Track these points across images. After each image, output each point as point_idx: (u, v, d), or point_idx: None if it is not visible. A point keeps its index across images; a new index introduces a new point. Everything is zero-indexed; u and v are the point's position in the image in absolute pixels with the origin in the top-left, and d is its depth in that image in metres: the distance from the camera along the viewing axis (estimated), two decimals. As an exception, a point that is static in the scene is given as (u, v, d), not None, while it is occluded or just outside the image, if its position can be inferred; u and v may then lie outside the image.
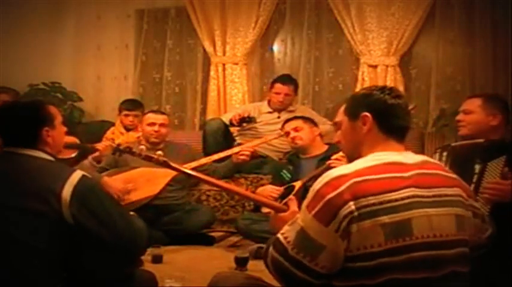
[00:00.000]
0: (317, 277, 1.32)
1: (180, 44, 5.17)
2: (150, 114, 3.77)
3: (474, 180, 2.20)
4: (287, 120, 3.60)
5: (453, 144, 2.46)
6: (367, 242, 1.27)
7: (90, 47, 5.33)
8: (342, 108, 1.57)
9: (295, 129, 3.43)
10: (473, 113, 2.44)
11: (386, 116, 1.44)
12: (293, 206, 1.65)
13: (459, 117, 2.50)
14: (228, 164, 3.71)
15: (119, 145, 3.41)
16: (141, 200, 3.45)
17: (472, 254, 1.43)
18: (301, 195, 2.48)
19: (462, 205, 1.42)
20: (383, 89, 1.49)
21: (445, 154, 2.39)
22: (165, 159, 1.86)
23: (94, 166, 3.43)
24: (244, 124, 4.18)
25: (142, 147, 2.05)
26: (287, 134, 3.47)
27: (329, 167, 2.88)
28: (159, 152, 1.93)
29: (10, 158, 1.73)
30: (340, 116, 1.57)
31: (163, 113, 3.83)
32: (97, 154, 3.45)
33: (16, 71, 4.69)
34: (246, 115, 4.10)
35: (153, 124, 3.66)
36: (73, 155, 3.64)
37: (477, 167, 2.21)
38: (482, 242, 1.54)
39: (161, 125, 3.66)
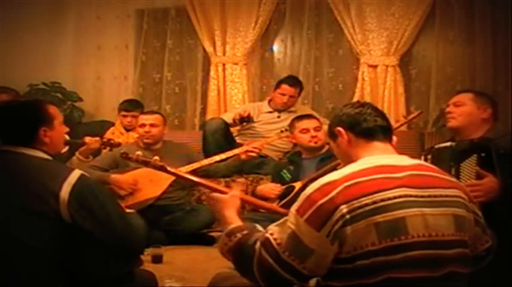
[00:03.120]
0: (301, 279, 1.35)
1: (180, 44, 5.17)
2: (141, 116, 3.76)
3: None
4: (306, 117, 3.55)
5: (436, 146, 2.45)
6: (362, 242, 1.29)
7: (90, 47, 5.33)
8: (327, 135, 1.69)
9: (316, 129, 3.41)
10: (464, 105, 2.47)
11: (355, 123, 1.54)
12: (235, 190, 1.76)
13: (449, 109, 2.52)
14: (234, 162, 3.71)
15: (109, 139, 3.42)
16: (145, 201, 3.45)
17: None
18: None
19: (463, 206, 1.42)
20: (346, 105, 1.63)
21: (429, 157, 2.39)
22: (161, 164, 1.87)
23: (82, 161, 3.39)
24: (244, 123, 4.19)
25: (139, 152, 2.04)
26: (306, 131, 3.42)
27: (333, 168, 2.88)
28: (156, 157, 1.93)
29: (7, 157, 1.73)
30: (328, 141, 1.70)
31: (154, 113, 3.78)
32: (84, 147, 3.42)
33: (16, 71, 4.69)
34: (245, 115, 4.11)
35: (143, 125, 3.64)
36: (64, 151, 3.63)
37: (452, 170, 2.22)
38: (479, 254, 1.53)
39: (151, 125, 3.63)
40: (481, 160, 2.19)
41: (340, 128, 1.55)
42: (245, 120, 4.14)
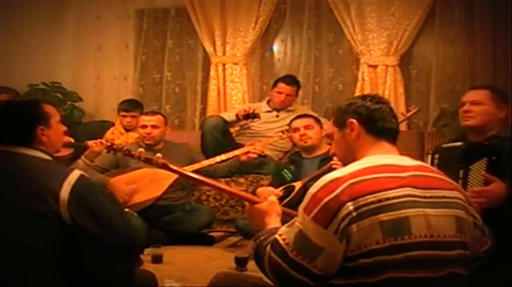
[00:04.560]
0: (314, 279, 1.33)
1: (180, 44, 5.17)
2: (142, 117, 3.77)
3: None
4: (298, 117, 3.57)
5: (444, 145, 2.39)
6: (367, 240, 1.29)
7: (90, 47, 5.33)
8: (331, 120, 1.63)
9: (306, 127, 3.42)
10: (483, 105, 2.36)
11: (372, 120, 1.50)
12: (272, 198, 1.70)
13: (467, 107, 2.39)
14: (234, 163, 3.71)
15: (112, 143, 3.43)
16: (146, 201, 3.45)
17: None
18: (301, 195, 2.48)
19: (463, 208, 1.43)
20: (365, 96, 1.56)
21: (437, 156, 2.33)
22: (164, 161, 1.86)
23: (88, 165, 3.39)
24: (249, 120, 4.18)
25: (141, 149, 2.04)
26: (296, 130, 3.44)
27: (330, 168, 2.89)
28: (158, 154, 1.92)
29: (7, 157, 1.73)
30: (331, 128, 1.63)
31: (156, 114, 3.77)
32: (88, 151, 3.42)
33: (16, 71, 4.69)
34: (251, 111, 4.10)
35: (144, 126, 3.65)
36: (67, 153, 3.62)
37: (461, 172, 2.16)
38: (480, 255, 1.53)
39: (153, 126, 3.63)
40: (490, 164, 2.12)
41: (353, 120, 1.51)
42: (250, 116, 4.12)
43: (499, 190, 2.07)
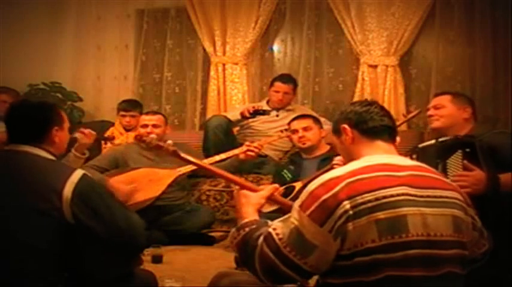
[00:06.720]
0: (302, 275, 1.35)
1: (180, 44, 5.17)
2: (143, 116, 3.77)
3: None
4: (296, 118, 3.56)
5: (420, 145, 2.54)
6: (362, 238, 1.29)
7: (90, 47, 5.32)
8: (331, 131, 1.70)
9: (305, 129, 3.41)
10: (444, 108, 2.60)
11: (362, 121, 1.54)
12: (266, 191, 1.68)
13: (430, 112, 2.64)
14: (233, 162, 3.71)
15: (103, 135, 3.39)
16: (145, 201, 3.44)
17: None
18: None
19: (461, 208, 1.44)
20: (354, 103, 1.64)
21: (414, 156, 2.43)
22: (175, 148, 1.84)
23: (79, 157, 3.34)
24: (258, 116, 4.18)
25: (154, 135, 2.03)
26: (295, 131, 3.43)
27: (332, 169, 2.88)
28: (169, 142, 1.90)
29: (11, 156, 1.73)
30: (331, 138, 1.71)
31: (156, 113, 3.78)
32: (77, 144, 3.26)
33: (16, 71, 4.69)
34: (259, 108, 4.09)
35: (145, 126, 3.65)
36: None
37: (439, 167, 2.28)
38: (477, 257, 1.55)
39: (154, 126, 3.64)
40: (466, 155, 2.26)
41: (345, 125, 1.55)
42: (260, 112, 4.11)
43: (479, 175, 2.19)
